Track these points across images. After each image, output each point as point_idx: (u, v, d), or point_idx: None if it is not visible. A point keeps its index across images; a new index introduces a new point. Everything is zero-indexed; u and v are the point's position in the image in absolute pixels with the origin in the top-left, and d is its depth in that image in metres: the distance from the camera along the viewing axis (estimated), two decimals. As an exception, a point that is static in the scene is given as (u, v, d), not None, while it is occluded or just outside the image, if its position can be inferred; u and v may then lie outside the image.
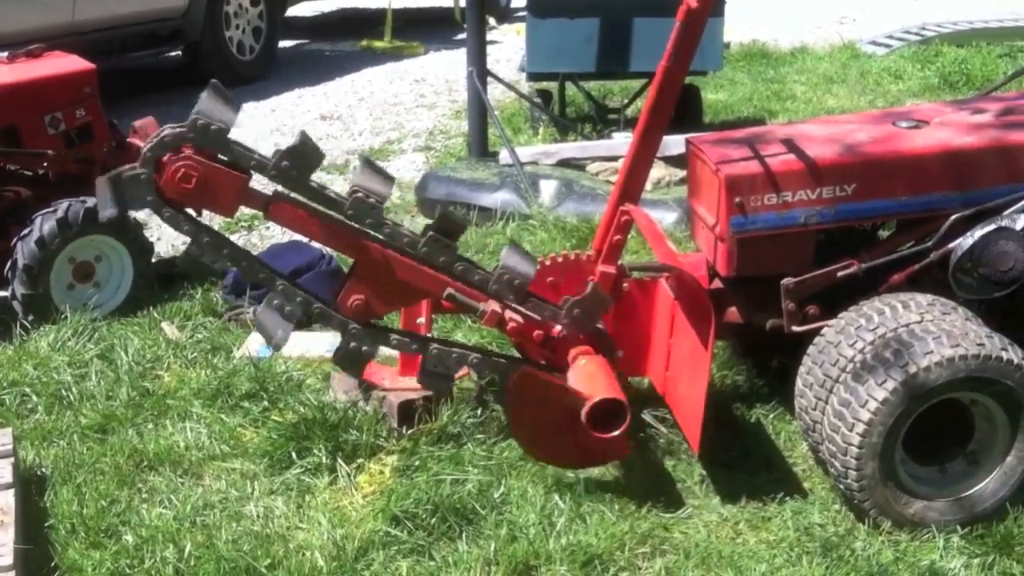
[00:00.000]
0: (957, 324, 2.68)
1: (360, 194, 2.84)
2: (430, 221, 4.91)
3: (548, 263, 3.25)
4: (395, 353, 3.18)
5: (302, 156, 2.78)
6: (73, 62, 4.41)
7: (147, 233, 4.32)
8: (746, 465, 3.05)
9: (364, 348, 2.95)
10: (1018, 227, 2.80)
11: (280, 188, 2.83)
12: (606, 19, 5.79)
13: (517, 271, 2.94)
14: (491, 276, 2.94)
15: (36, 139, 4.16)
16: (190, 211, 2.88)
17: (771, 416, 3.27)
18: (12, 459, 2.83)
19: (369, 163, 2.96)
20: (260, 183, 2.84)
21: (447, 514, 2.75)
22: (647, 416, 3.18)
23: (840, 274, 2.96)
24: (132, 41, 7.61)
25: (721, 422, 3.18)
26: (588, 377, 2.91)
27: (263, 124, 7.21)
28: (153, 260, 4.25)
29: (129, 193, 2.76)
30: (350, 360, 2.98)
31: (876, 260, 2.96)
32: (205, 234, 2.86)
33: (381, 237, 2.88)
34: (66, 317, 3.82)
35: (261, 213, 2.86)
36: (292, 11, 10.08)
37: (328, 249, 3.83)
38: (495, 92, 6.91)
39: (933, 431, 2.72)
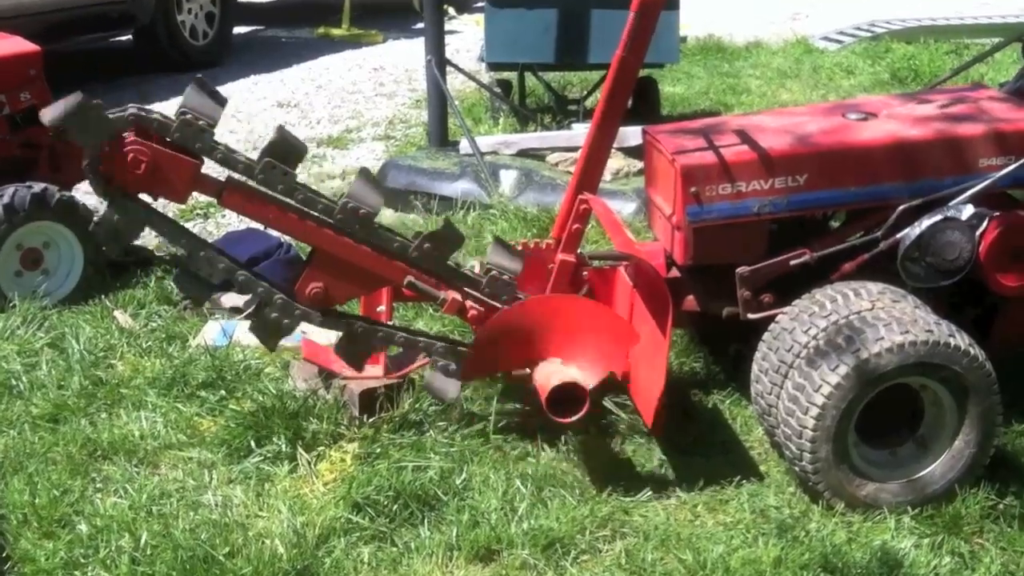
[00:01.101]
0: (907, 311, 2.74)
1: (351, 203, 2.82)
2: (390, 211, 4.99)
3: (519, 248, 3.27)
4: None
5: (285, 151, 2.76)
6: (17, 43, 4.31)
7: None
8: (704, 449, 3.09)
9: (285, 321, 2.91)
10: (964, 217, 2.86)
11: (233, 174, 2.81)
12: (564, 10, 5.80)
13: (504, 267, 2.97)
14: (411, 243, 2.93)
15: None
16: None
17: (728, 402, 3.32)
18: (-39, 449, 2.79)
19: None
20: (213, 169, 2.81)
21: (409, 500, 2.76)
22: (607, 403, 3.21)
23: (793, 263, 3.01)
24: (80, 24, 7.47)
25: (679, 408, 3.22)
26: (537, 371, 2.94)
27: (218, 111, 7.13)
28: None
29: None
30: (265, 330, 2.94)
31: (828, 249, 3.01)
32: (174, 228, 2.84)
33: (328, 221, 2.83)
34: (15, 305, 3.75)
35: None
36: (248, -4, 9.99)
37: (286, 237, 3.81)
38: (455, 82, 6.90)
39: (884, 416, 2.77)
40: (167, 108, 6.26)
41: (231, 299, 3.82)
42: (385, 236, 2.90)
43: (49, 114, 2.69)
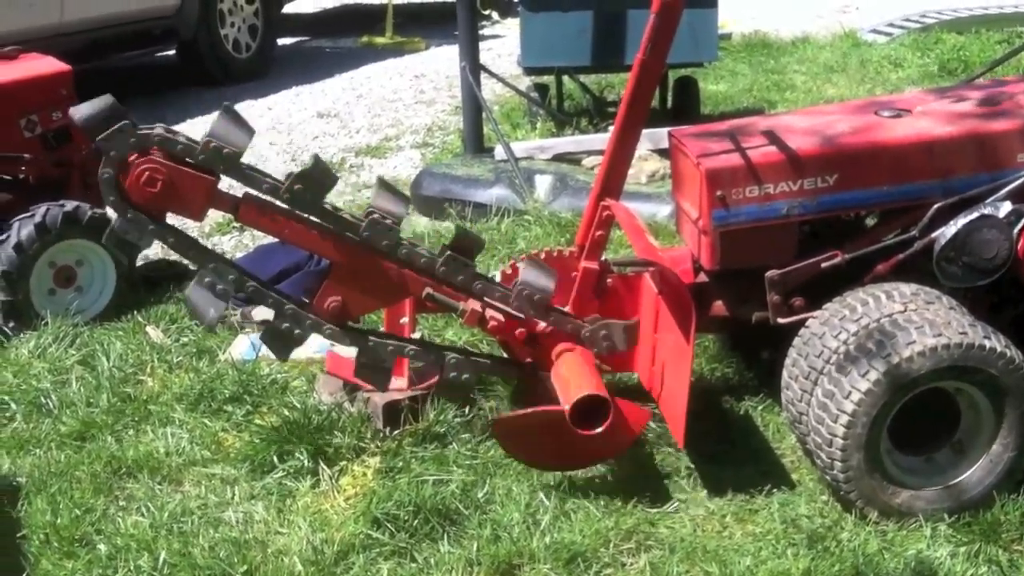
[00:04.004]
0: (940, 313, 2.65)
1: (376, 215, 2.82)
2: (425, 219, 4.98)
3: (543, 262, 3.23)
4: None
5: (314, 179, 2.76)
6: (49, 64, 4.36)
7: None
8: (733, 458, 3.02)
9: (296, 331, 2.90)
10: (1001, 215, 2.76)
11: (249, 189, 2.80)
12: (599, 12, 5.75)
13: (535, 285, 2.92)
14: (511, 292, 2.91)
15: (12, 142, 4.12)
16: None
17: (759, 408, 3.24)
18: (-17, 470, 2.81)
19: (385, 184, 2.92)
20: (228, 184, 2.81)
21: (429, 515, 2.72)
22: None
23: (824, 265, 2.93)
24: (124, 41, 7.58)
25: (709, 415, 3.15)
26: (563, 381, 2.88)
27: (260, 123, 7.19)
28: (138, 263, 4.22)
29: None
30: (277, 340, 2.94)
31: (860, 250, 2.92)
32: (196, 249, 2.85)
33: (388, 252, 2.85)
34: (47, 323, 3.79)
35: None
36: (292, 7, 10.06)
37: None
38: (496, 87, 6.89)
39: (920, 420, 2.68)
40: (208, 122, 6.37)
41: (262, 313, 3.82)
42: (413, 253, 2.88)
43: (79, 112, 2.70)
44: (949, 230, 2.79)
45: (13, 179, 4.23)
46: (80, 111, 2.70)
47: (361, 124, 7.15)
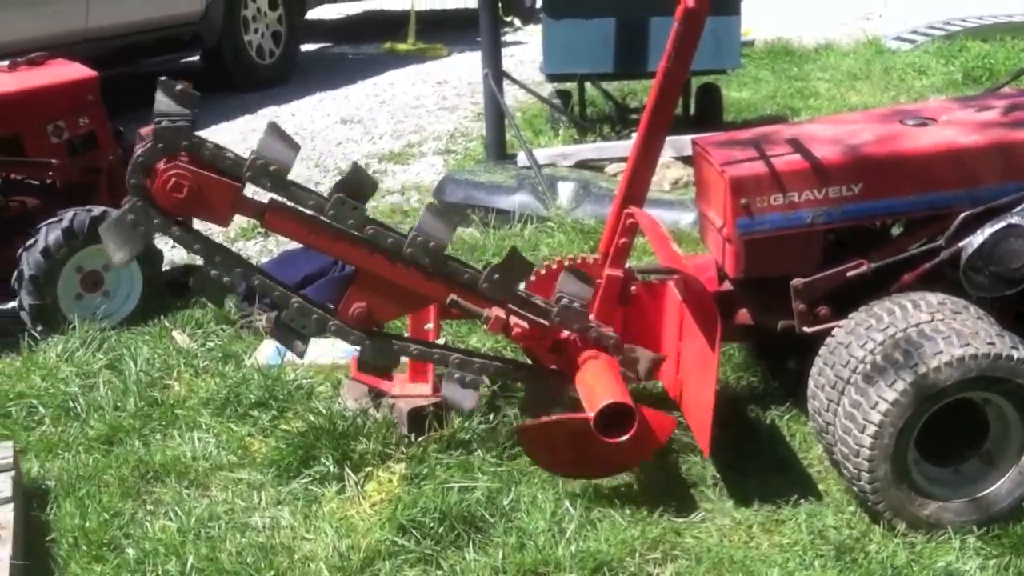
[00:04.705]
0: (968, 323, 2.63)
1: (421, 237, 2.83)
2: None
3: (554, 267, 3.23)
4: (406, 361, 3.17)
5: (357, 187, 2.79)
6: (75, 70, 4.39)
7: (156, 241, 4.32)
8: (760, 467, 3.00)
9: (303, 326, 2.91)
10: (1028, 224, 2.74)
11: (275, 196, 2.82)
12: (622, 19, 5.75)
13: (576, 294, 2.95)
14: (480, 274, 2.92)
15: (39, 148, 4.15)
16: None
17: (786, 418, 3.23)
18: (12, 473, 2.83)
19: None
20: (252, 190, 2.83)
21: (455, 522, 2.73)
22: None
23: (850, 274, 2.91)
24: (148, 47, 7.64)
25: (735, 424, 3.14)
26: (588, 389, 2.88)
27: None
28: (164, 268, 4.25)
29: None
30: (285, 334, 2.95)
31: (886, 259, 2.91)
32: (217, 252, 2.86)
33: (384, 245, 2.86)
34: (74, 327, 3.81)
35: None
36: (315, 14, 10.10)
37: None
38: (518, 94, 6.89)
39: (947, 431, 2.67)
40: (232, 127, 6.35)
41: None
42: (455, 268, 2.90)
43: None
44: (976, 239, 2.78)
45: (40, 184, 4.28)
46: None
47: (384, 130, 7.17)
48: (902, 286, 2.89)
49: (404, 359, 3.10)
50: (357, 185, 2.81)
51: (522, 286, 3.08)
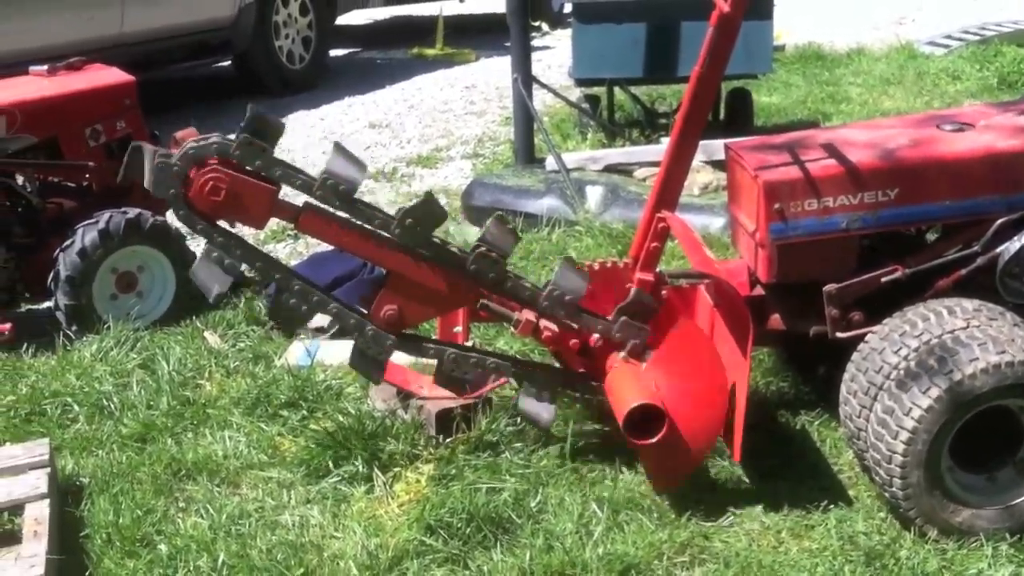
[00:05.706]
0: (1004, 330, 2.61)
1: (483, 248, 2.88)
2: (476, 228, 4.99)
3: (585, 271, 3.23)
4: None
5: (426, 215, 2.83)
6: (113, 74, 4.46)
7: (189, 243, 4.36)
8: (790, 472, 2.99)
9: (303, 308, 2.95)
10: (1066, 230, 2.72)
11: (310, 199, 2.84)
12: (652, 24, 5.74)
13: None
14: (540, 292, 2.93)
15: (77, 151, 4.21)
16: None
17: (816, 423, 3.21)
18: (48, 469, 2.87)
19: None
20: (288, 193, 2.85)
21: (482, 523, 2.73)
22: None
23: (884, 280, 2.89)
24: (181, 51, 7.72)
25: (765, 429, 3.12)
26: (616, 393, 2.89)
27: (312, 133, 7.29)
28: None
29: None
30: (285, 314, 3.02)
31: (921, 265, 2.89)
32: (258, 258, 2.91)
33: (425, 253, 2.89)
34: (109, 327, 3.86)
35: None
36: (344, 19, 10.15)
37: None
38: (546, 98, 6.90)
39: (982, 438, 2.64)
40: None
41: (316, 319, 3.86)
42: (518, 286, 2.95)
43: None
44: (1013, 246, 2.77)
45: (77, 187, 4.33)
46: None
47: (412, 134, 7.19)
48: (937, 292, 2.87)
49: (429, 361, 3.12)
50: (427, 215, 2.85)
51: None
